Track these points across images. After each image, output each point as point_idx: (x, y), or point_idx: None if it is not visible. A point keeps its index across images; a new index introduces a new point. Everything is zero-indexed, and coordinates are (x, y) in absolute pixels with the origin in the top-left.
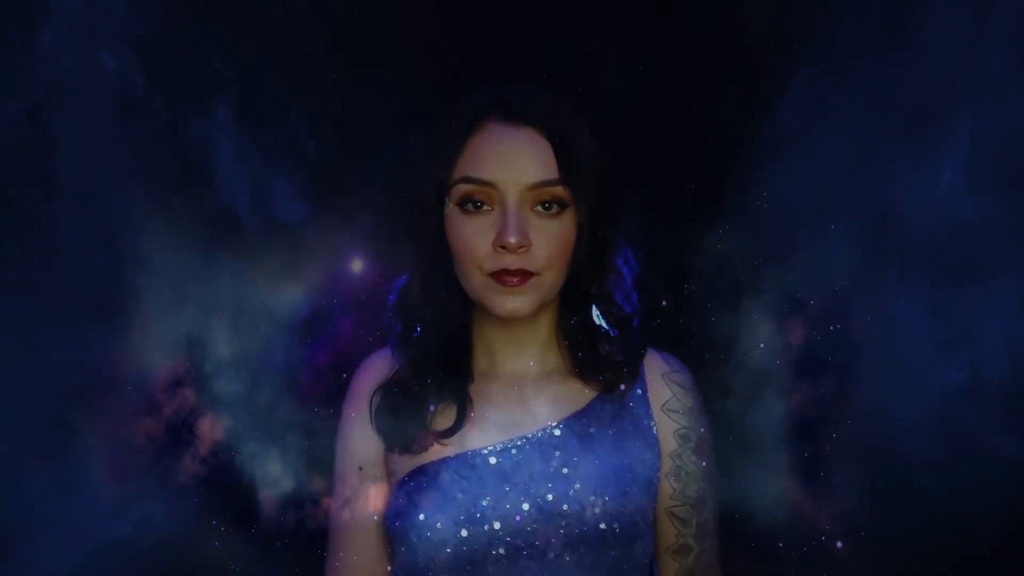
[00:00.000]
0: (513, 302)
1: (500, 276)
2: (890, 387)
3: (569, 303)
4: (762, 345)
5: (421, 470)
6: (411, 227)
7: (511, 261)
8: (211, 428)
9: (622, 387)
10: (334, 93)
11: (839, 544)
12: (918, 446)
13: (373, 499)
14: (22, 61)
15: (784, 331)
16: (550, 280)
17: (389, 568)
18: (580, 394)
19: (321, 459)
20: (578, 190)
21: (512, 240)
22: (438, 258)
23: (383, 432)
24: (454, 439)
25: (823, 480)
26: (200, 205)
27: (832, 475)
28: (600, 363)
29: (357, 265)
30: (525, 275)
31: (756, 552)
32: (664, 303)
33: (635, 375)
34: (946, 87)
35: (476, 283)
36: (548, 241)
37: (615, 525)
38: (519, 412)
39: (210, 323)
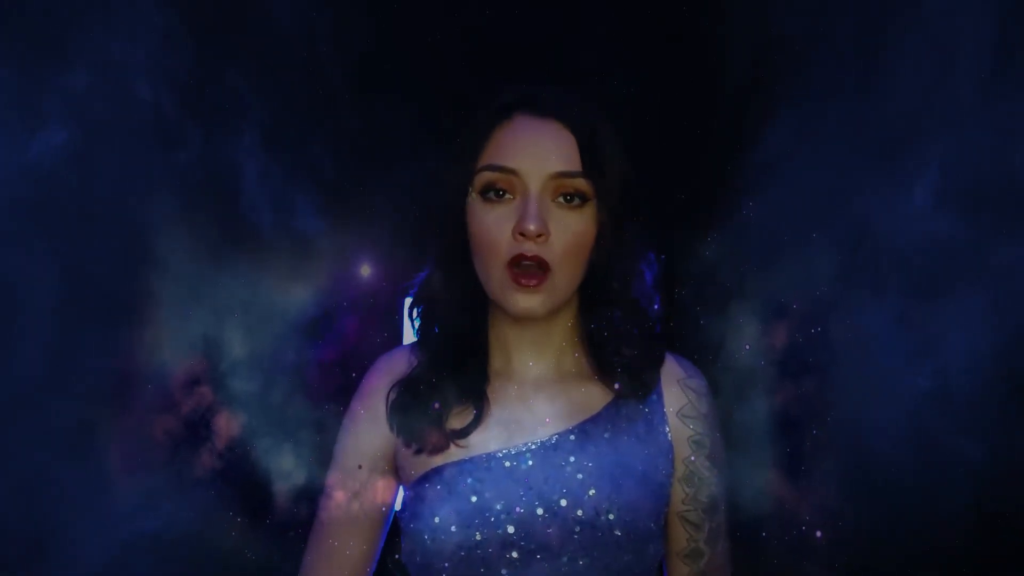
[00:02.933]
0: (528, 301)
1: (517, 272)
2: (863, 392)
3: (590, 305)
4: (747, 347)
5: (436, 472)
6: (435, 217)
7: (529, 248)
8: (228, 424)
9: (640, 392)
10: (351, 117)
11: (818, 534)
12: (888, 447)
13: (371, 495)
14: (64, 91)
15: (768, 334)
16: (565, 279)
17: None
18: (595, 398)
19: (332, 453)
20: (601, 185)
21: (531, 227)
22: (459, 249)
23: (399, 429)
24: (469, 441)
25: (804, 474)
26: (224, 219)
27: (812, 470)
28: (621, 366)
29: (366, 270)
30: (541, 273)
31: (741, 541)
32: (656, 306)
33: (655, 380)
34: (916, 118)
35: (495, 277)
36: (566, 234)
37: (629, 530)
38: (534, 415)
39: (228, 327)
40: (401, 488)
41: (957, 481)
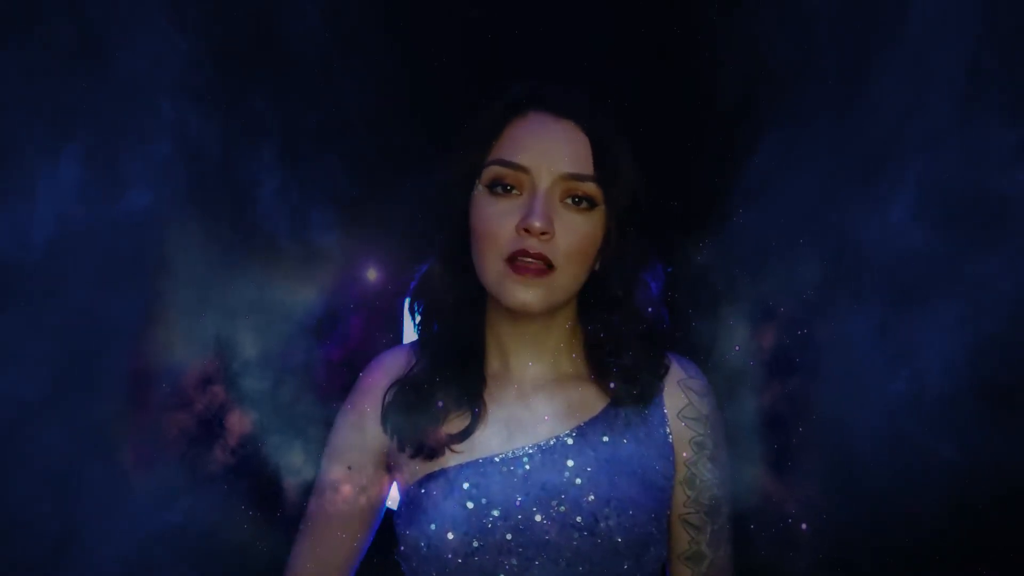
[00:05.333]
0: (525, 294)
1: (517, 263)
2: (845, 394)
3: (589, 308)
4: (737, 348)
5: (432, 476)
6: (439, 207)
7: (532, 244)
8: (240, 422)
9: (639, 398)
10: (364, 136)
11: (804, 526)
12: (868, 446)
13: (361, 492)
14: (92, 109)
15: (756, 336)
16: (566, 280)
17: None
18: (594, 401)
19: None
20: (610, 191)
21: (536, 224)
22: (462, 242)
23: (395, 430)
24: (466, 444)
25: (790, 470)
26: (243, 231)
27: (797, 466)
28: (618, 368)
29: (372, 274)
30: (542, 268)
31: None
32: (650, 309)
33: (656, 386)
34: (895, 138)
35: (492, 270)
36: (571, 235)
37: (628, 535)
38: (532, 419)
39: (241, 329)
40: (396, 490)
41: (932, 478)
